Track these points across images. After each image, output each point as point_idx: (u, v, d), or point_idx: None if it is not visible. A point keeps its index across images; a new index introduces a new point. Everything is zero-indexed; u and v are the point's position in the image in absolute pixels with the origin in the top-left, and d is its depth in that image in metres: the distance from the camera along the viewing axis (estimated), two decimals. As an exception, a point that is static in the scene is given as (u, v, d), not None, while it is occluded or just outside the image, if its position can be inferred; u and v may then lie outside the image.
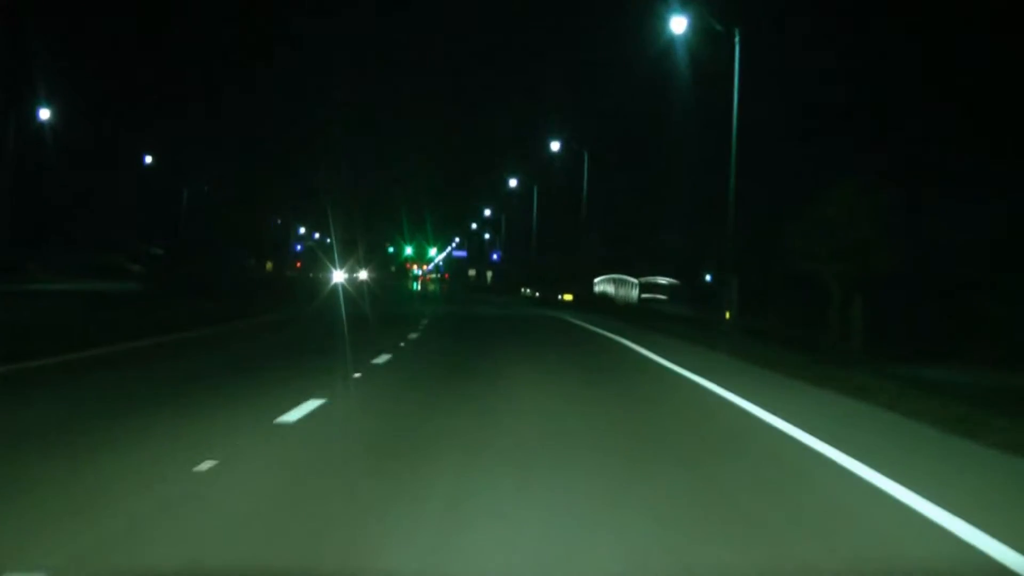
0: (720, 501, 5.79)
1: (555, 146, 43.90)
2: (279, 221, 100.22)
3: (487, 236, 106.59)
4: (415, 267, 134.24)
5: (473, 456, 6.92)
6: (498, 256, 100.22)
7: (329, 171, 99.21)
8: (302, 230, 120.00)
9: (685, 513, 5.42)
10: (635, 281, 46.35)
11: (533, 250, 59.25)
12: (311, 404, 9.10)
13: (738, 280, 24.89)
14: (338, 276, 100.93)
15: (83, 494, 5.41)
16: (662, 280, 47.59)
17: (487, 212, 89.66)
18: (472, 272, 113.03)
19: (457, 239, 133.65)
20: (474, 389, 11.11)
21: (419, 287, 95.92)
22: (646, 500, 5.71)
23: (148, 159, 55.57)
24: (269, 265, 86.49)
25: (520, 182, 61.23)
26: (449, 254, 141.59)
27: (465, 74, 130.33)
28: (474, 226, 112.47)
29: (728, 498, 5.88)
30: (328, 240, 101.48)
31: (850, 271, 21.70)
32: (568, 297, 40.85)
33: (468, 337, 21.60)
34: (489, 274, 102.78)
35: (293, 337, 19.96)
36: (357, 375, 12.18)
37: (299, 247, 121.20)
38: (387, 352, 15.43)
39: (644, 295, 45.57)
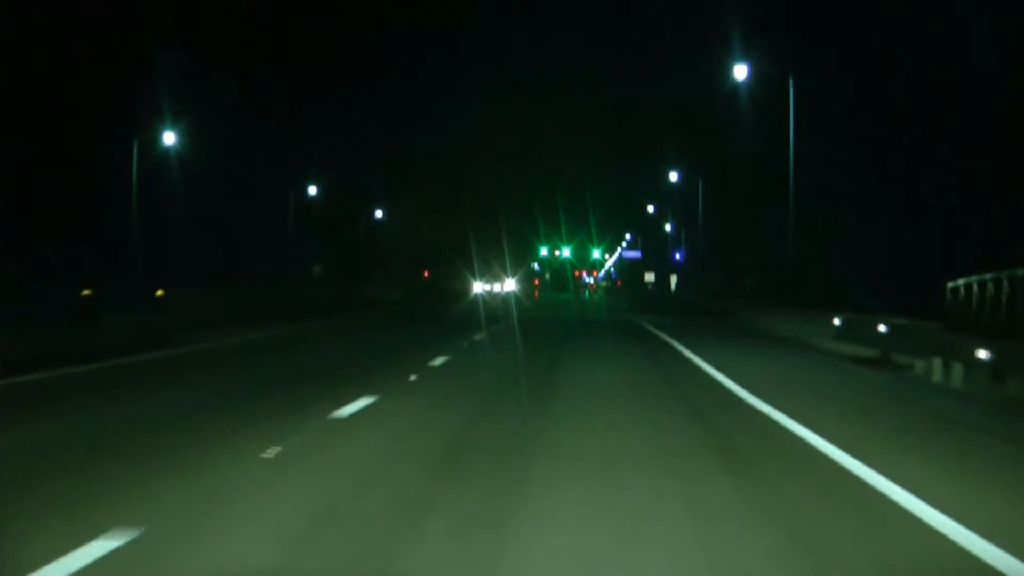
0: None
1: None
2: (379, 214, 72.58)
3: (668, 227, 75.14)
4: (583, 274, 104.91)
5: None
6: (681, 256, 69.49)
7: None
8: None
9: None
10: None
11: (791, 234, 27.24)
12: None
13: None
14: (478, 287, 75.13)
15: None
16: None
17: (674, 176, 58.11)
18: (650, 277, 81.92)
19: (629, 235, 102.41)
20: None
21: (588, 297, 78.94)
22: None
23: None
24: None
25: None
26: (619, 256, 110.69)
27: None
28: (651, 209, 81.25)
29: None
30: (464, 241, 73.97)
31: None
32: None
33: None
34: (673, 279, 71.82)
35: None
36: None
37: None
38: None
39: None
